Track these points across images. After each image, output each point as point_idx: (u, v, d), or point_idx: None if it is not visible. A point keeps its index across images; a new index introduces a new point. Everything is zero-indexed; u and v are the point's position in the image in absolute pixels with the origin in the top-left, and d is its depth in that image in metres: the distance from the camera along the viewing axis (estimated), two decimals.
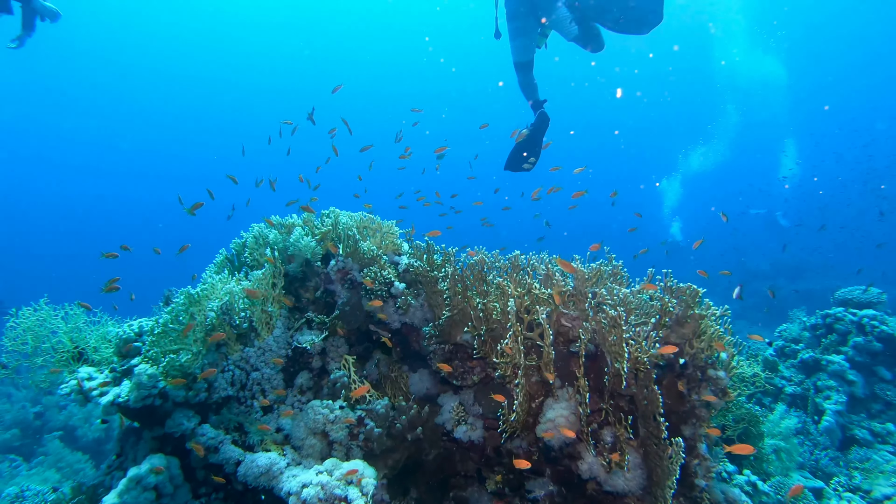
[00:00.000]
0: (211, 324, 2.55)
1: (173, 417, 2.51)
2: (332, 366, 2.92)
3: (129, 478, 2.24)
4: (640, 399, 2.50)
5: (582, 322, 2.61)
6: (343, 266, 2.94)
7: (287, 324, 2.88)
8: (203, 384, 2.57)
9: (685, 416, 2.62)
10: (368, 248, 2.89)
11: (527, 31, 4.07)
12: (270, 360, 2.77)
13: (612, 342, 2.46)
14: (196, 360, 2.49)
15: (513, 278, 2.65)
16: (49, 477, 6.33)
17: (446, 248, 2.89)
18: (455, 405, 2.83)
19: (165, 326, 2.43)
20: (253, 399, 2.77)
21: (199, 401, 2.58)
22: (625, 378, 2.34)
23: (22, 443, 7.76)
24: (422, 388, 2.98)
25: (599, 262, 2.88)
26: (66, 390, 2.46)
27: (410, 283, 2.99)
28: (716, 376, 2.58)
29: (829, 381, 5.59)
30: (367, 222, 3.08)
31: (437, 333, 2.78)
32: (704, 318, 2.58)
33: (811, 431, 5.20)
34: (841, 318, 6.11)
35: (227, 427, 2.67)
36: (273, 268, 2.74)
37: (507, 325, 2.46)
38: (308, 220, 3.08)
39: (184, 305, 2.48)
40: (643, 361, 2.36)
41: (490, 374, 2.80)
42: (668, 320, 2.59)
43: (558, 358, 2.60)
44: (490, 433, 2.81)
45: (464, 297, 2.68)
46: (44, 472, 6.46)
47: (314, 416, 2.67)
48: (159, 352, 2.42)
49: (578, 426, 2.49)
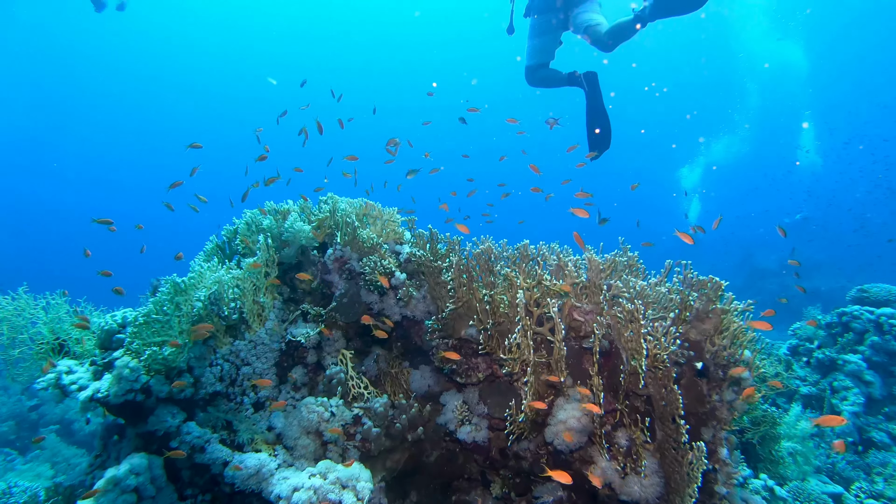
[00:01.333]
0: (198, 314, 2.38)
1: (156, 414, 2.34)
2: (328, 361, 2.75)
3: (106, 479, 2.07)
4: (657, 399, 2.32)
5: (596, 316, 2.43)
6: (341, 255, 2.77)
7: (281, 315, 2.72)
8: (189, 378, 2.40)
9: (705, 418, 2.44)
10: (368, 235, 2.72)
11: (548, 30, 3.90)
12: (262, 353, 2.61)
13: (629, 338, 2.28)
14: (181, 354, 2.32)
15: (521, 269, 2.47)
16: (42, 472, 6.20)
17: (451, 237, 2.71)
18: (458, 404, 2.65)
19: (148, 317, 2.26)
20: (243, 395, 2.60)
21: (184, 396, 2.41)
22: (643, 377, 2.16)
23: (18, 436, 7.63)
24: (423, 386, 2.80)
25: (614, 253, 2.70)
26: (42, 384, 2.30)
27: (412, 273, 2.81)
28: (739, 376, 2.39)
29: (846, 381, 5.40)
30: (368, 209, 2.90)
31: (441, 327, 2.61)
32: (727, 313, 2.40)
33: (826, 433, 5.01)
34: (858, 316, 5.91)
35: (214, 425, 2.51)
36: (266, 254, 2.57)
37: (516, 319, 2.28)
38: (305, 206, 2.91)
39: (169, 295, 2.32)
40: (662, 359, 2.18)
41: (496, 371, 2.62)
42: (689, 315, 2.41)
43: (570, 354, 2.42)
44: (495, 434, 2.64)
45: (469, 288, 2.50)
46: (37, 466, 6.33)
47: (308, 414, 2.50)
48: (141, 344, 2.26)
49: (591, 428, 2.31)
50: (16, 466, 6.55)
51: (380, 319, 2.72)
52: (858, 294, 6.37)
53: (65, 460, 6.68)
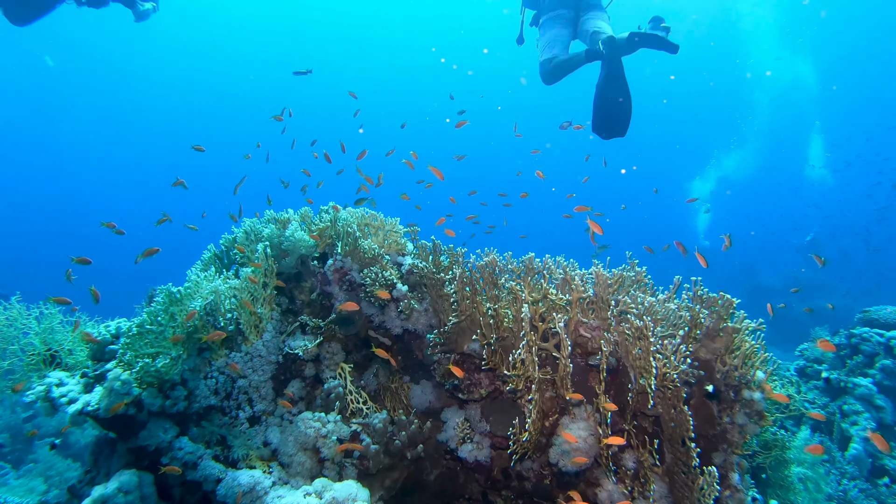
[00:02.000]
0: (193, 325, 2.31)
1: (148, 429, 2.27)
2: (326, 374, 2.68)
3: (93, 498, 1.99)
4: (666, 420, 2.24)
5: (603, 332, 2.36)
6: (341, 265, 2.71)
7: (278, 327, 2.65)
8: (182, 391, 2.33)
9: (716, 441, 2.35)
10: (369, 246, 2.66)
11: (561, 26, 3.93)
12: (259, 366, 2.53)
13: (637, 356, 2.21)
14: (175, 366, 2.25)
15: (527, 282, 2.40)
16: (35, 486, 6.06)
17: (454, 249, 2.65)
18: (460, 421, 2.57)
19: (142, 328, 2.20)
20: (238, 409, 2.53)
21: (177, 410, 2.34)
22: (652, 396, 2.08)
23: (12, 448, 7.50)
24: (424, 402, 2.72)
25: (622, 267, 2.63)
26: (31, 397, 2.23)
27: (414, 285, 2.75)
28: (751, 398, 2.31)
29: (856, 405, 5.27)
30: (369, 219, 2.84)
31: (443, 341, 2.53)
32: (739, 331, 2.32)
33: (837, 459, 4.88)
34: (867, 338, 5.79)
35: (208, 440, 2.43)
36: (264, 264, 2.51)
37: (521, 334, 2.21)
38: (305, 214, 2.85)
39: (163, 305, 2.25)
40: (672, 378, 2.11)
41: (499, 387, 2.54)
42: (699, 333, 2.33)
43: (575, 372, 2.34)
44: (497, 453, 2.55)
45: (472, 301, 2.44)
46: (30, 481, 6.20)
47: (305, 429, 2.42)
48: (134, 355, 2.19)
49: (597, 449, 2.22)
50: (8, 481, 6.41)
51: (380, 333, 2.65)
52: (867, 315, 6.26)
53: (59, 474, 6.54)
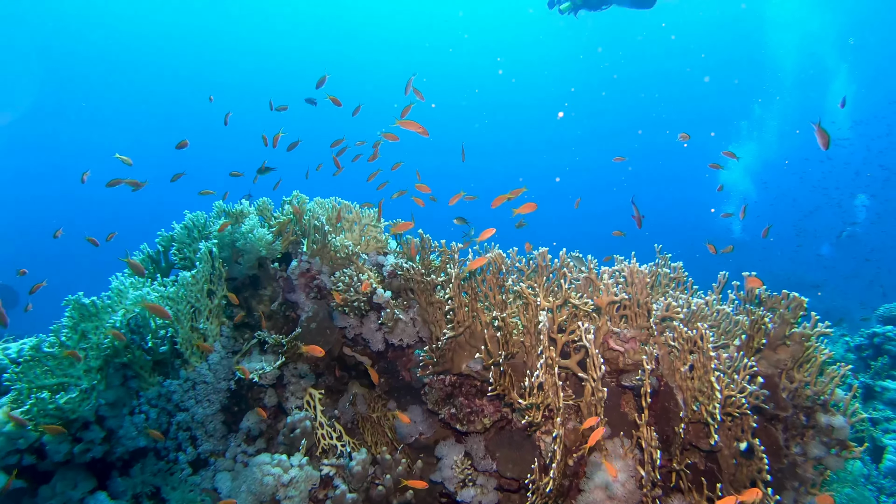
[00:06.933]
0: (111, 347, 1.77)
1: (52, 484, 1.72)
2: (291, 403, 2.15)
3: None
4: (726, 457, 1.74)
5: (639, 344, 1.85)
6: (308, 267, 2.18)
7: (230, 346, 2.11)
8: (98, 433, 1.78)
9: (782, 478, 1.86)
10: (342, 243, 2.14)
11: None
12: (204, 395, 2.00)
13: (685, 374, 1.71)
14: (87, 400, 1.71)
15: (541, 283, 1.89)
16: None
17: (447, 245, 2.13)
18: (459, 458, 2.06)
19: (37, 351, 1.65)
20: (178, 451, 1.99)
21: (93, 457, 1.79)
22: (715, 428, 1.58)
23: None
24: (413, 433, 2.19)
25: (653, 264, 2.14)
26: None
27: (399, 290, 2.22)
28: (829, 424, 1.82)
29: (886, 410, 4.83)
30: (343, 211, 2.32)
31: (435, 360, 2.01)
32: (810, 338, 1.84)
33: (872, 473, 4.42)
34: (892, 337, 5.37)
35: (137, 494, 1.88)
36: (209, 267, 1.97)
37: (539, 351, 1.70)
38: (264, 206, 2.33)
39: (71, 321, 1.72)
40: (739, 403, 1.61)
41: (507, 414, 2.03)
42: (763, 342, 1.84)
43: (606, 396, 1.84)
44: (506, 496, 2.04)
45: (472, 309, 1.92)
46: None
47: (261, 476, 1.88)
48: (27, 388, 1.65)
49: (640, 496, 1.72)
50: None
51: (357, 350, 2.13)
52: (888, 312, 5.85)
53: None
